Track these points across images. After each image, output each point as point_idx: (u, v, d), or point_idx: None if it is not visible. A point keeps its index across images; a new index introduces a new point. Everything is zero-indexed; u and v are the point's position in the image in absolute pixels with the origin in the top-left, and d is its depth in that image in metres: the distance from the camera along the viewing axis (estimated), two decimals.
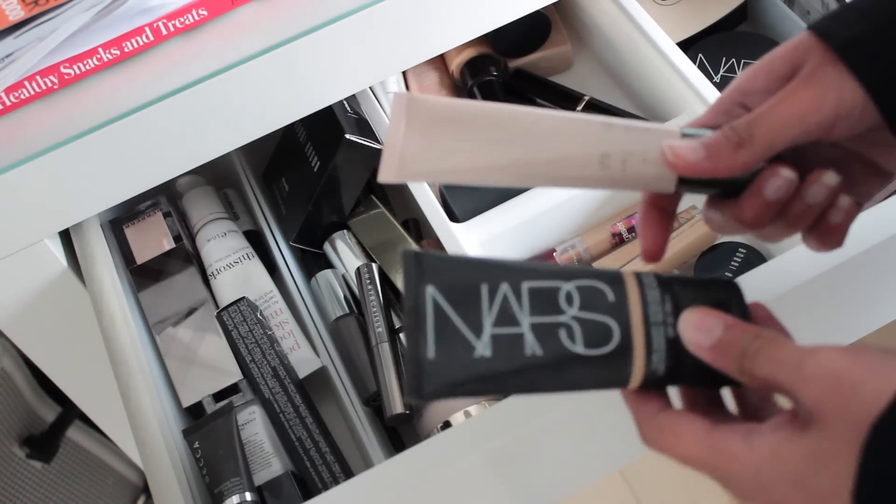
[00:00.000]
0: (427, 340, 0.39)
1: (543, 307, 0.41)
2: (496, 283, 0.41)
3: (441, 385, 0.39)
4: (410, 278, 0.40)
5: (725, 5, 0.88)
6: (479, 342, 0.40)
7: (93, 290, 0.72)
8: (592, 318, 0.41)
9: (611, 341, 0.41)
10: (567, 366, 0.41)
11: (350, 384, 0.70)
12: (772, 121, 0.43)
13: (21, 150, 0.66)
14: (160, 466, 0.61)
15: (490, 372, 0.40)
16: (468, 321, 0.40)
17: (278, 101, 0.72)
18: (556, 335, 0.40)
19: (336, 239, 0.78)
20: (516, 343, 0.40)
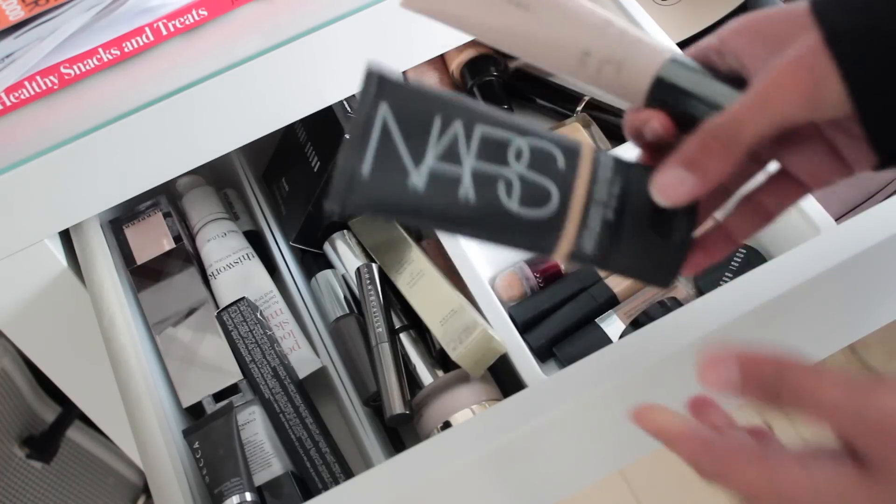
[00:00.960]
0: (365, 156, 0.39)
1: (490, 155, 0.40)
2: (450, 118, 0.40)
3: (365, 201, 0.39)
4: (367, 93, 0.40)
5: (725, 5, 0.88)
6: (416, 172, 0.39)
7: (93, 290, 0.72)
8: (536, 179, 0.41)
9: (546, 206, 0.41)
10: (495, 219, 0.40)
11: (350, 384, 0.70)
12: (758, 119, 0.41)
13: (21, 150, 0.66)
14: (160, 466, 0.61)
15: (417, 204, 0.39)
16: (412, 148, 0.39)
17: (278, 101, 0.72)
18: (494, 186, 0.40)
19: (336, 239, 0.78)
20: (452, 183, 0.40)
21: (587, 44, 0.44)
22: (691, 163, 0.41)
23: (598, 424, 0.62)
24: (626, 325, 0.69)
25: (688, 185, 0.41)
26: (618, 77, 0.44)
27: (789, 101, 0.40)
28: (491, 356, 0.65)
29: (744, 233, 0.47)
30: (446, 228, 0.41)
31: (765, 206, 0.47)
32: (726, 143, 0.41)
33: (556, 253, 0.41)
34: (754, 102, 0.41)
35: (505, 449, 0.57)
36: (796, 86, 0.40)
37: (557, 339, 0.71)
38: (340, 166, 0.39)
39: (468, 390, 0.66)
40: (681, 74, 0.44)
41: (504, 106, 0.83)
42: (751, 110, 0.41)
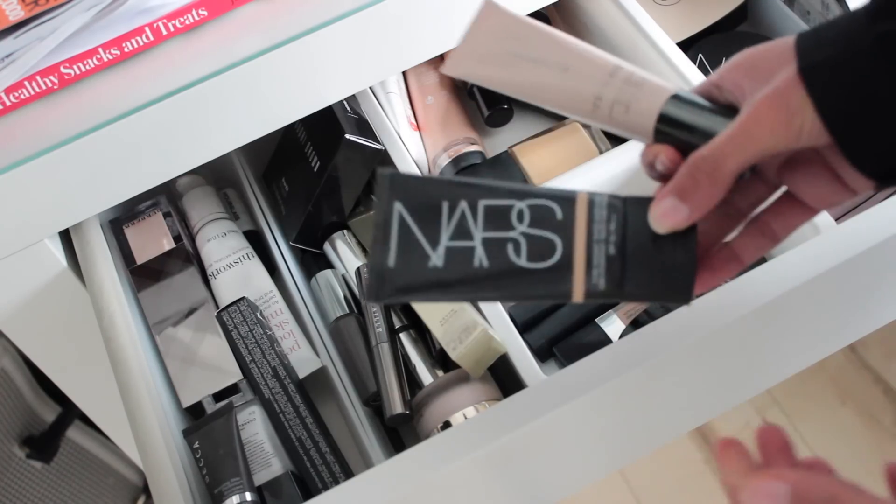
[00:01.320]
0: (389, 251, 0.44)
1: (496, 223, 0.45)
2: (456, 200, 0.45)
3: (396, 289, 0.44)
4: (382, 196, 0.45)
5: (725, 5, 0.88)
6: (435, 253, 0.44)
7: (93, 290, 0.72)
8: (538, 233, 0.45)
9: (553, 256, 0.45)
10: (510, 277, 0.44)
11: (350, 384, 0.70)
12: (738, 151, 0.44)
13: (21, 150, 0.66)
14: (160, 466, 0.61)
15: (440, 280, 0.44)
16: (427, 234, 0.44)
17: (278, 101, 0.72)
18: (503, 249, 0.45)
19: (336, 239, 0.78)
20: (467, 255, 0.44)
21: (599, 91, 0.48)
22: (683, 192, 0.45)
23: (599, 424, 0.62)
24: (626, 325, 0.69)
25: (681, 213, 0.45)
26: (627, 117, 0.48)
27: (768, 132, 0.43)
28: (491, 356, 0.65)
29: (751, 254, 0.49)
30: (471, 297, 0.45)
31: (771, 227, 0.49)
32: (711, 174, 0.44)
33: (575, 295, 0.45)
34: (736, 134, 0.44)
35: (505, 449, 0.57)
36: (773, 117, 0.43)
37: (557, 339, 0.71)
38: (370, 264, 0.44)
39: (468, 390, 0.66)
40: (682, 109, 0.47)
41: (504, 105, 0.83)
42: (732, 142, 0.44)
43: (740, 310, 0.58)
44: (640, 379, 0.58)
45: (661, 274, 0.46)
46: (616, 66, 0.49)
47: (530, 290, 0.45)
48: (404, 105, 0.84)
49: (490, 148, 0.85)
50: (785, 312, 0.61)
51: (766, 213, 0.49)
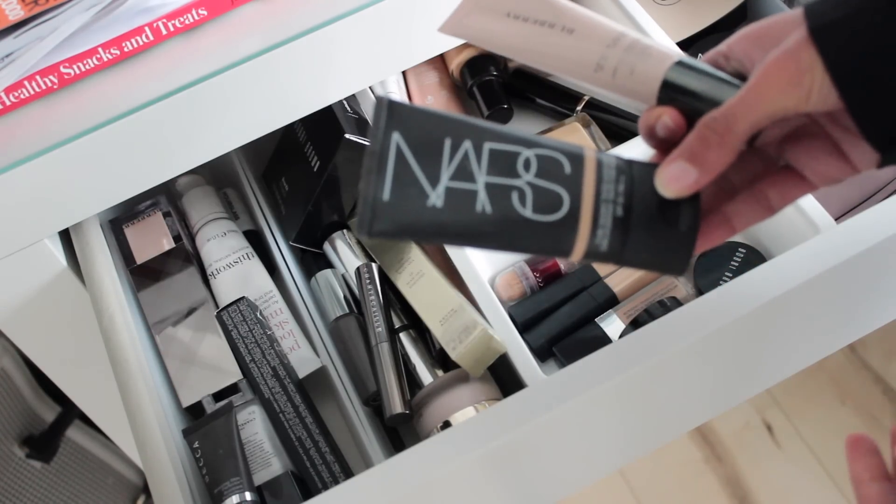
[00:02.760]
0: (384, 183, 0.41)
1: (501, 169, 0.43)
2: (460, 139, 0.43)
3: (390, 225, 0.41)
4: (379, 123, 0.42)
5: (725, 5, 0.88)
6: (434, 192, 0.42)
7: (93, 290, 0.72)
8: (546, 185, 0.43)
9: (559, 210, 0.43)
10: (513, 227, 0.43)
11: (350, 384, 0.70)
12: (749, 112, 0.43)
13: (21, 150, 0.66)
14: (160, 466, 0.61)
15: (438, 220, 0.42)
16: (427, 171, 0.42)
17: (278, 101, 0.72)
18: (507, 197, 0.43)
19: (336, 239, 0.78)
20: (468, 198, 0.42)
21: (603, 53, 0.48)
22: (692, 155, 0.44)
23: (598, 424, 0.62)
24: (626, 325, 0.69)
25: (691, 176, 0.44)
26: (630, 80, 0.47)
27: (778, 93, 0.43)
28: (491, 356, 0.65)
29: (743, 222, 0.48)
30: (468, 242, 0.43)
31: (768, 198, 0.48)
32: (722, 135, 0.43)
33: (574, 253, 0.43)
34: (746, 96, 0.43)
35: (505, 448, 0.57)
36: (783, 77, 0.42)
37: (557, 339, 0.71)
38: (362, 195, 0.41)
39: (468, 390, 0.66)
40: (686, 75, 0.47)
41: (504, 105, 0.83)
42: (743, 103, 0.43)
43: (740, 309, 0.58)
44: (640, 379, 0.58)
45: (661, 243, 0.45)
46: (620, 33, 0.48)
47: (532, 243, 0.43)
48: None
49: None
50: (785, 312, 0.61)
51: (764, 183, 0.48)
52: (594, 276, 0.73)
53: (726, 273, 0.71)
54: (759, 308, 0.58)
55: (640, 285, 0.72)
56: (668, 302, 0.68)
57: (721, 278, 0.70)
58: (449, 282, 0.69)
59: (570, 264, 0.75)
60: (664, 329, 0.58)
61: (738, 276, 0.64)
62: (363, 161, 0.42)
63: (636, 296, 0.71)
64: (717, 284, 0.69)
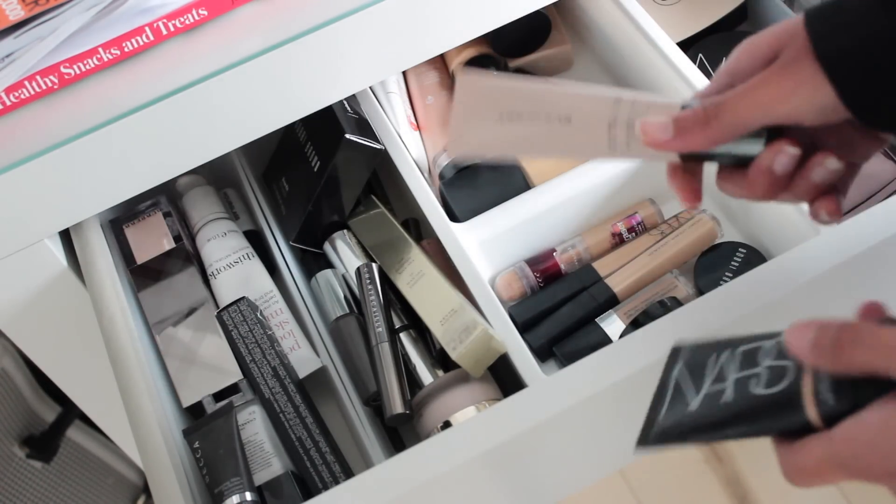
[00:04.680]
0: (664, 407, 0.46)
1: (747, 364, 0.45)
2: (722, 352, 0.46)
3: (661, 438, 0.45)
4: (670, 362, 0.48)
5: (725, 5, 0.88)
6: (695, 400, 0.45)
7: (93, 290, 0.72)
8: (779, 363, 0.44)
9: (785, 378, 0.43)
10: (748, 408, 0.44)
11: (350, 384, 0.70)
12: (740, 105, 0.45)
13: (21, 150, 0.66)
14: (160, 466, 0.61)
15: (693, 423, 0.45)
16: (695, 384, 0.46)
17: (278, 101, 0.72)
18: (748, 383, 0.44)
19: (336, 239, 0.78)
20: (717, 396, 0.45)
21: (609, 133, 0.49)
22: (679, 121, 0.46)
23: (599, 424, 0.62)
24: (626, 325, 0.69)
25: (666, 134, 0.47)
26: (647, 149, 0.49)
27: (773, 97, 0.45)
28: (491, 356, 0.65)
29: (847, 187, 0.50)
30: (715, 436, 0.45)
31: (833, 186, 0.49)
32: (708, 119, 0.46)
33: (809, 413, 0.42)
34: (741, 93, 0.46)
35: (505, 448, 0.57)
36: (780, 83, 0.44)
37: (557, 339, 0.71)
38: (648, 416, 0.46)
39: (468, 390, 0.66)
40: None
41: None
42: (737, 100, 0.46)
43: (741, 309, 0.58)
44: (640, 379, 0.58)
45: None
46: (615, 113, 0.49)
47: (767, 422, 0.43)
48: (404, 105, 0.84)
49: None
50: (785, 312, 0.61)
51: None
52: (594, 276, 0.73)
53: (726, 273, 0.71)
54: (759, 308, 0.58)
55: (640, 285, 0.72)
56: (668, 302, 0.68)
57: (721, 278, 0.70)
58: (449, 282, 0.69)
59: (570, 264, 0.75)
60: (664, 329, 0.58)
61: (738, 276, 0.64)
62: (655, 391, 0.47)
63: (636, 296, 0.71)
64: (717, 284, 0.69)
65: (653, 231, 0.75)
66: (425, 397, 0.67)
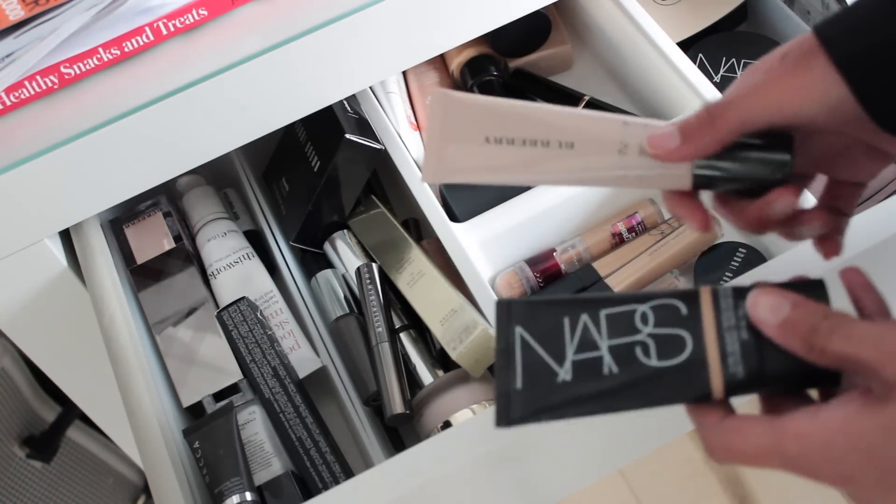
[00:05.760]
0: (515, 373, 0.43)
1: (620, 330, 0.43)
2: (576, 315, 0.44)
3: (526, 410, 0.43)
4: (502, 322, 0.45)
5: (725, 5, 0.88)
6: (562, 369, 0.43)
7: (93, 290, 0.72)
8: (666, 332, 0.43)
9: (684, 351, 0.42)
10: (644, 380, 0.42)
11: (350, 384, 0.70)
12: (747, 103, 0.44)
13: (21, 150, 0.66)
14: (160, 466, 0.61)
15: (571, 394, 0.43)
16: (552, 352, 0.43)
17: (278, 101, 0.72)
18: (632, 353, 0.43)
19: (336, 239, 0.78)
20: (595, 365, 0.43)
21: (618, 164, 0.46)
22: (684, 125, 0.45)
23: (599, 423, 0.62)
24: None
25: (673, 142, 0.45)
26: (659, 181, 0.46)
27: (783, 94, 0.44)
28: (491, 356, 0.65)
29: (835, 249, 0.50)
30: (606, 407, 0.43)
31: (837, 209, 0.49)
32: (715, 118, 0.44)
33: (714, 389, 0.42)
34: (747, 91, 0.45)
35: (505, 448, 0.57)
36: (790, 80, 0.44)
37: None
38: (497, 388, 0.43)
39: (468, 390, 0.66)
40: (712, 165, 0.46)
41: None
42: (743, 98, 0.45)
43: None
44: None
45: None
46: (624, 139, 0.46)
47: (670, 393, 0.42)
48: (404, 105, 0.84)
49: None
50: None
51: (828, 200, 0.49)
52: (594, 276, 0.73)
53: (726, 273, 0.71)
54: None
55: (641, 285, 0.72)
56: None
57: (721, 278, 0.70)
58: (449, 282, 0.69)
59: (570, 264, 0.75)
60: None
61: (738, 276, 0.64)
62: (495, 360, 0.44)
63: None
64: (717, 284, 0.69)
65: (653, 231, 0.75)
66: (425, 397, 0.67)
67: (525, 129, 0.46)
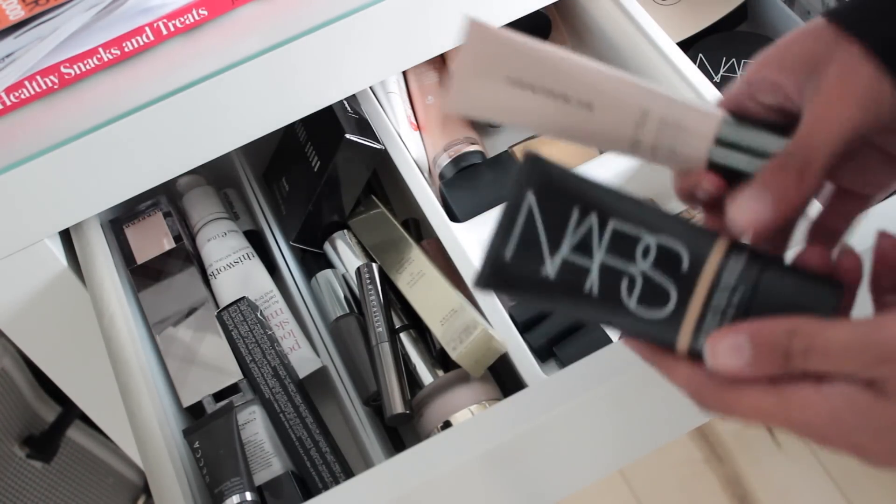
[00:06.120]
0: (510, 242, 0.42)
1: (619, 251, 0.42)
2: (587, 210, 0.42)
3: (503, 284, 0.42)
4: (521, 177, 0.42)
5: (725, 5, 0.88)
6: (551, 261, 0.42)
7: (93, 290, 0.72)
8: (658, 279, 0.42)
9: (663, 309, 0.42)
10: (614, 313, 0.42)
11: (350, 384, 0.70)
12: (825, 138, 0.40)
13: (21, 150, 0.66)
14: (160, 466, 0.61)
15: (547, 292, 0.42)
16: (550, 238, 0.42)
17: (278, 101, 0.72)
18: (617, 282, 0.42)
19: (336, 239, 0.78)
20: (579, 275, 0.42)
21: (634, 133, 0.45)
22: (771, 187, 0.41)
23: (599, 424, 0.62)
24: None
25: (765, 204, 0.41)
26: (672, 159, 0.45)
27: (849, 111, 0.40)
28: (491, 356, 0.65)
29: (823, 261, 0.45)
30: (569, 313, 0.44)
31: (833, 227, 0.47)
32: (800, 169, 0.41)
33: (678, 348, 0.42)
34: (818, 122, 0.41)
35: (505, 449, 0.57)
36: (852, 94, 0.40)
37: (558, 339, 0.71)
38: (488, 248, 0.42)
39: (468, 390, 0.66)
40: (737, 132, 0.44)
41: None
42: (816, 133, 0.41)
43: None
44: (640, 379, 0.58)
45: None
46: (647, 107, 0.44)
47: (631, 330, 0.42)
48: (404, 105, 0.84)
49: (490, 148, 0.85)
50: None
51: (825, 216, 0.47)
52: None
53: None
54: None
55: None
56: None
57: None
58: (449, 282, 0.69)
59: None
60: None
61: None
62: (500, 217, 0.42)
63: None
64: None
65: None
66: (425, 397, 0.67)
67: (548, 77, 0.45)
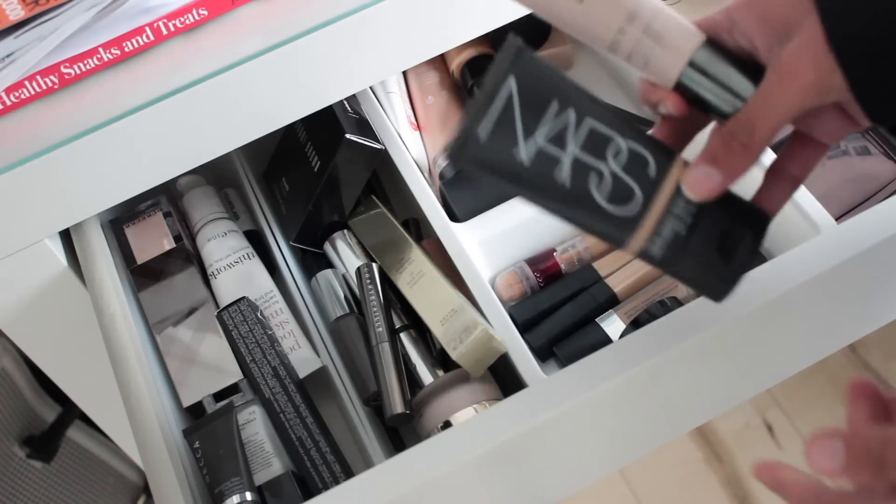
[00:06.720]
0: (485, 120, 0.43)
1: (592, 148, 0.45)
2: (566, 104, 0.44)
3: (474, 161, 0.43)
4: (502, 62, 0.44)
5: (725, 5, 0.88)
6: (525, 147, 0.44)
7: (93, 290, 0.72)
8: (626, 179, 0.45)
9: (627, 206, 0.45)
10: (581, 206, 0.45)
11: (350, 384, 0.70)
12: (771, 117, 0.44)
13: (21, 150, 0.66)
14: (160, 466, 0.61)
15: (518, 175, 0.44)
16: (526, 123, 0.44)
17: (278, 101, 0.72)
18: (587, 177, 0.45)
19: (336, 239, 0.78)
20: (552, 165, 0.44)
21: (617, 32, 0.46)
22: (717, 161, 0.46)
23: (599, 424, 0.62)
24: (627, 325, 0.69)
25: (715, 180, 0.46)
26: (644, 69, 0.47)
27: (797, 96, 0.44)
28: (491, 356, 0.65)
29: (778, 202, 0.50)
30: (536, 202, 0.45)
31: (790, 172, 0.50)
32: (745, 142, 0.45)
33: (628, 248, 0.46)
34: (766, 102, 0.45)
35: (505, 448, 0.57)
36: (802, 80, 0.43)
37: (558, 339, 0.71)
38: (462, 124, 0.43)
39: (468, 390, 0.66)
40: (711, 61, 0.47)
41: None
42: (763, 109, 0.45)
43: (740, 309, 0.58)
44: (640, 379, 0.58)
45: (711, 271, 0.47)
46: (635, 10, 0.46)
47: (592, 225, 0.45)
48: (404, 105, 0.84)
49: None
50: (785, 312, 0.61)
51: (782, 159, 0.50)
52: (594, 276, 0.73)
53: None
54: (760, 308, 0.58)
55: (641, 285, 0.72)
56: (668, 302, 0.68)
57: None
58: (449, 282, 0.69)
59: (570, 264, 0.75)
60: (664, 329, 0.58)
61: None
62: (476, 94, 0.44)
63: (636, 296, 0.71)
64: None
65: None
66: (425, 397, 0.67)
67: None
